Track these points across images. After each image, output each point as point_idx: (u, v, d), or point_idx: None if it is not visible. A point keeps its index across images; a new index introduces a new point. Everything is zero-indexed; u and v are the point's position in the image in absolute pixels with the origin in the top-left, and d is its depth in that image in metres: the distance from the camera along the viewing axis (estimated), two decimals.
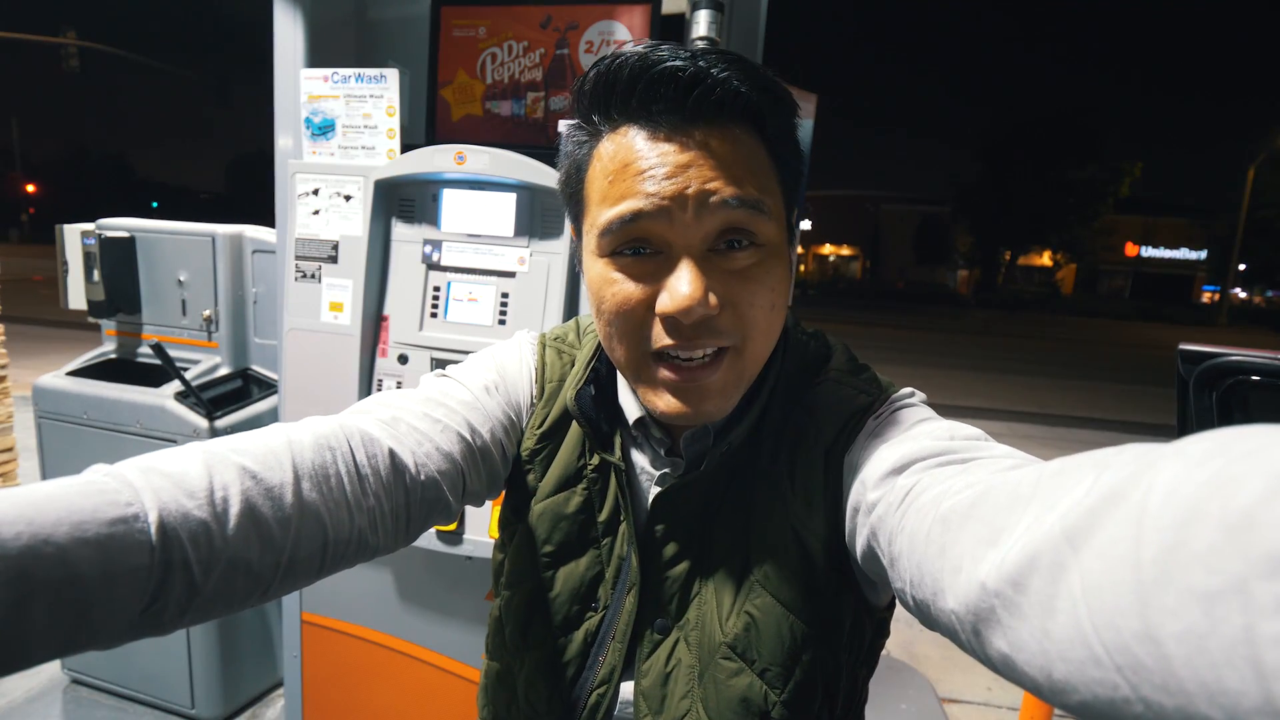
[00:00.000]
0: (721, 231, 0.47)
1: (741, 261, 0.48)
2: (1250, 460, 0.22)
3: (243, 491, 0.41)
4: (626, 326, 0.50)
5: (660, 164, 0.46)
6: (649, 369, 0.51)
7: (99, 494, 0.36)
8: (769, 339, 0.51)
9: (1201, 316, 28.42)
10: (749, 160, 0.47)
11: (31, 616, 0.31)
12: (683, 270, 0.46)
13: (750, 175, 0.47)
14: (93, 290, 1.87)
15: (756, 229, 0.47)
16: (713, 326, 0.48)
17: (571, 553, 0.61)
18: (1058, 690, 0.26)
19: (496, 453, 0.60)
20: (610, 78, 0.47)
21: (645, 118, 0.46)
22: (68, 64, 14.40)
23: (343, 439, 0.49)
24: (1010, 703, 2.22)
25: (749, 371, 0.52)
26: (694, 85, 0.44)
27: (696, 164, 0.45)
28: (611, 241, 0.49)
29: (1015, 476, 0.35)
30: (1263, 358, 1.01)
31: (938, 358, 11.23)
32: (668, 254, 0.48)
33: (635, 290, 0.49)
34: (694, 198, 0.45)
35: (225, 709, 1.87)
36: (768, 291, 0.49)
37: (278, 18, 1.38)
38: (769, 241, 0.49)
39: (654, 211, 0.46)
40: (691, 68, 0.44)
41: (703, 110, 0.45)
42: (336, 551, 0.47)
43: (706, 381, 0.49)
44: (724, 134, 0.46)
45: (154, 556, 0.36)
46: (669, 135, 0.46)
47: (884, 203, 40.71)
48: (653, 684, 0.57)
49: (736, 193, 0.46)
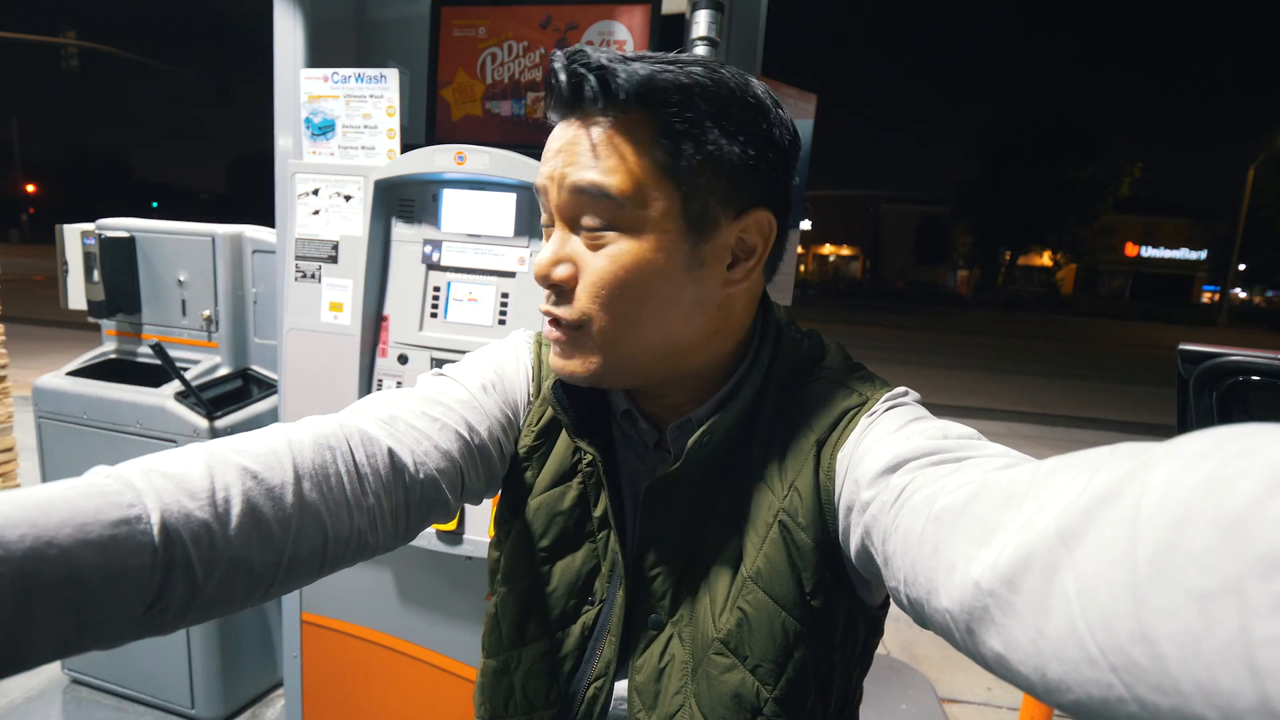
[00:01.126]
0: (579, 212, 0.51)
1: (595, 241, 0.51)
2: (1245, 460, 0.22)
3: (244, 492, 0.41)
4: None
5: (548, 148, 0.53)
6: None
7: (101, 496, 0.36)
8: (636, 324, 0.52)
9: (1201, 316, 28.43)
10: (614, 147, 0.49)
11: (35, 617, 0.31)
12: (551, 240, 0.53)
13: (603, 163, 0.49)
14: (93, 290, 1.87)
15: (605, 214, 0.50)
16: (565, 297, 0.53)
17: (567, 547, 0.62)
18: (1052, 690, 0.26)
19: (494, 451, 0.60)
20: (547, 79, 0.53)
21: (554, 110, 0.53)
22: (68, 64, 14.41)
23: (342, 438, 0.49)
24: (1010, 703, 2.22)
25: (619, 347, 0.53)
26: (568, 81, 0.49)
27: (565, 150, 0.51)
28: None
29: (1009, 476, 0.35)
30: (1263, 358, 1.01)
31: (938, 358, 11.23)
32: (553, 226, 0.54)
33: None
34: (556, 179, 0.51)
35: (225, 709, 1.87)
36: (619, 272, 0.50)
37: (278, 18, 1.38)
38: (627, 228, 0.50)
39: (540, 189, 0.53)
40: (572, 66, 0.49)
41: (569, 104, 0.50)
42: (336, 550, 0.47)
43: (572, 342, 0.54)
44: (592, 126, 0.50)
45: (156, 557, 0.36)
46: (560, 123, 0.52)
47: (884, 203, 40.71)
48: (646, 679, 0.57)
49: (578, 178, 0.50)
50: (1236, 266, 27.04)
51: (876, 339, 13.60)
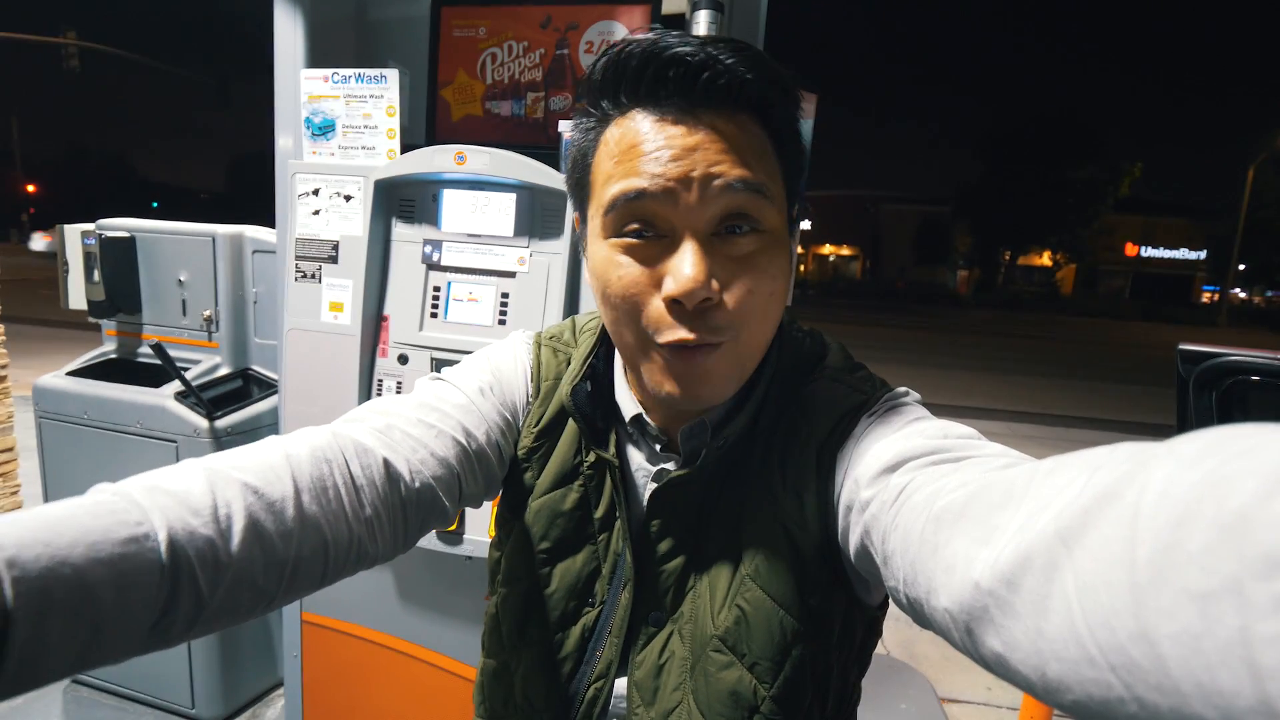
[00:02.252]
0: (725, 215, 0.47)
1: (744, 247, 0.48)
2: (1244, 460, 0.22)
3: (246, 507, 0.42)
4: (631, 310, 0.50)
5: (667, 146, 0.46)
6: (651, 354, 0.51)
7: (110, 514, 0.36)
8: (767, 327, 0.52)
9: (1201, 316, 28.40)
10: (754, 147, 0.47)
11: (50, 635, 0.32)
12: (686, 252, 0.47)
13: (755, 160, 0.47)
14: (93, 290, 1.87)
15: (760, 214, 0.48)
16: (713, 320, 0.48)
17: (568, 549, 0.62)
18: (1051, 689, 0.26)
19: (493, 454, 0.60)
20: (620, 63, 0.47)
21: (653, 102, 0.47)
22: (68, 64, 14.40)
23: (337, 450, 0.49)
24: (1010, 703, 2.22)
25: (747, 359, 0.52)
26: (701, 70, 0.45)
27: (703, 147, 0.46)
28: (615, 219, 0.49)
29: (1008, 475, 0.35)
30: (1263, 358, 1.01)
31: (938, 358, 11.23)
32: (671, 237, 0.48)
33: (640, 273, 0.49)
34: (699, 180, 0.46)
35: (225, 709, 1.87)
36: (769, 279, 0.49)
37: (278, 18, 1.38)
38: (772, 228, 0.49)
39: (658, 192, 0.46)
40: (700, 54, 0.45)
41: (710, 96, 0.46)
42: (337, 561, 0.47)
43: (705, 365, 0.49)
44: (730, 120, 0.46)
45: (164, 574, 0.37)
46: (676, 119, 0.46)
47: (884, 203, 40.69)
48: (646, 675, 0.57)
49: (742, 175, 0.46)
50: (1236, 266, 27.04)
51: (876, 339, 13.59)
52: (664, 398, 0.52)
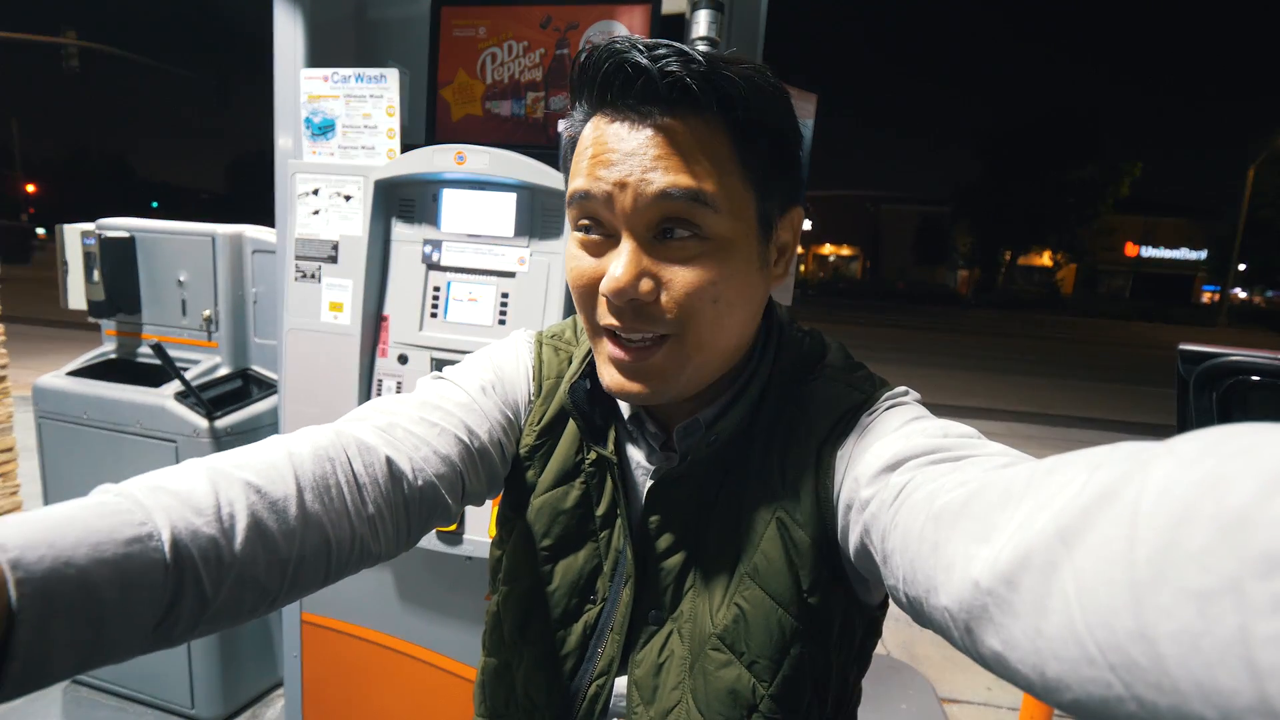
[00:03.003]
0: (662, 219, 0.48)
1: (682, 251, 0.49)
2: (1243, 459, 0.22)
3: (248, 506, 0.42)
4: (581, 299, 0.53)
5: (610, 149, 0.48)
6: (600, 343, 0.54)
7: (114, 515, 0.36)
8: (716, 331, 0.51)
9: (1201, 316, 28.41)
10: (700, 150, 0.47)
11: (54, 636, 0.32)
12: (621, 252, 0.49)
13: (694, 167, 0.47)
14: (93, 290, 1.87)
15: (700, 220, 0.48)
16: (648, 313, 0.50)
17: (570, 547, 0.62)
18: (1051, 688, 0.26)
19: (495, 453, 0.60)
20: (584, 67, 0.49)
21: (608, 105, 0.49)
22: (68, 64, 14.41)
23: (340, 449, 0.49)
24: (1010, 703, 2.22)
25: (697, 359, 0.52)
26: (639, 75, 0.46)
27: (641, 152, 0.47)
28: (573, 216, 0.52)
29: (1008, 474, 0.35)
30: (1263, 358, 1.01)
31: (938, 358, 11.23)
32: (616, 236, 0.50)
33: (589, 266, 0.52)
34: (632, 186, 0.47)
35: (225, 709, 1.87)
36: (709, 284, 0.49)
37: (278, 18, 1.38)
38: (716, 235, 0.49)
39: (599, 195, 0.48)
40: (642, 59, 0.45)
41: (651, 99, 0.46)
42: (340, 560, 0.47)
43: (647, 363, 0.51)
44: (676, 125, 0.47)
45: (168, 573, 0.37)
46: (622, 122, 0.48)
47: (884, 203, 40.72)
48: (645, 674, 0.57)
49: (673, 183, 0.46)
50: (1236, 266, 27.03)
51: (876, 339, 13.59)
52: (608, 389, 0.54)
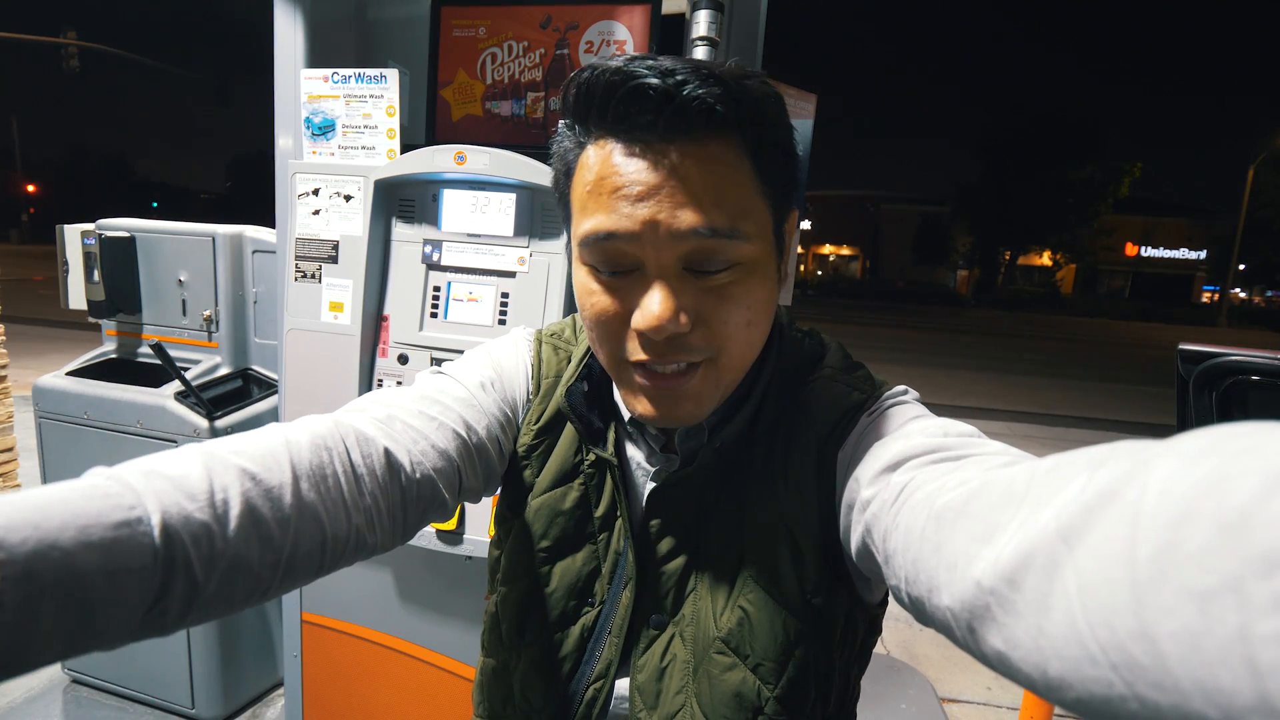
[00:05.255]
0: (694, 254, 0.47)
1: (717, 280, 0.48)
2: (1244, 458, 0.22)
3: (243, 493, 0.41)
4: (604, 335, 0.51)
5: (634, 183, 0.46)
6: (627, 374, 0.52)
7: (103, 497, 0.36)
8: (747, 350, 0.52)
9: (1201, 316, 28.42)
10: (726, 179, 0.46)
11: (39, 620, 0.31)
12: (655, 290, 0.47)
13: (724, 200, 0.46)
14: (93, 290, 1.87)
15: (731, 252, 0.47)
16: (684, 344, 0.49)
17: (568, 548, 0.62)
18: (1053, 687, 0.26)
19: (493, 449, 0.60)
20: (588, 90, 0.47)
21: (622, 132, 0.46)
22: (68, 64, 14.42)
23: (339, 439, 0.49)
24: (1010, 702, 2.22)
25: (726, 379, 0.52)
26: (665, 102, 0.44)
27: (669, 186, 0.45)
28: (590, 254, 0.50)
29: (1009, 473, 0.35)
30: (1263, 358, 1.01)
31: (938, 358, 11.23)
32: (642, 272, 0.48)
33: (611, 304, 0.50)
34: (664, 224, 0.45)
35: (225, 709, 1.87)
36: (743, 309, 0.49)
37: (278, 18, 1.38)
38: (746, 259, 0.48)
39: (625, 235, 0.47)
40: (663, 84, 0.44)
41: (676, 127, 0.45)
42: (335, 550, 0.47)
43: (681, 389, 0.50)
44: (699, 151, 0.45)
45: (157, 559, 0.36)
46: (643, 152, 0.46)
47: (884, 203, 40.70)
48: (648, 679, 0.57)
49: (706, 222, 0.45)
50: (1236, 266, 27.04)
51: (876, 339, 13.59)
52: (640, 418, 0.53)
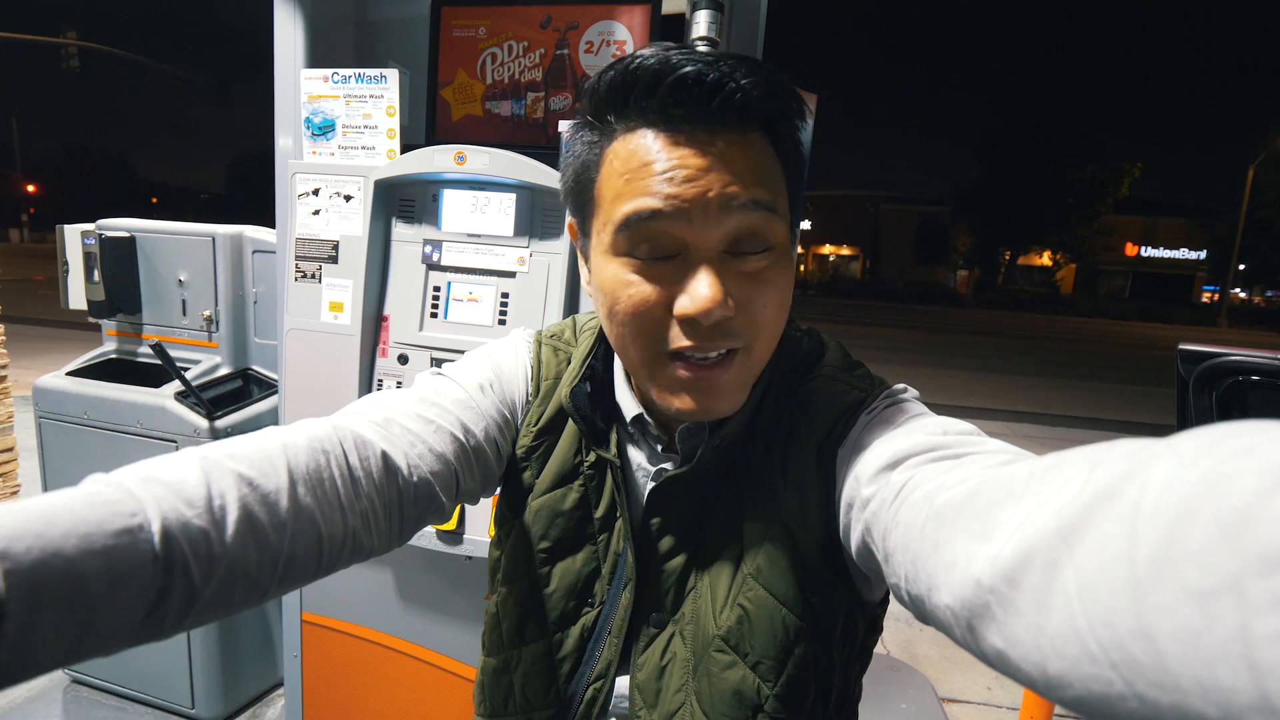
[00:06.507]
0: (737, 234, 0.48)
1: (755, 264, 0.49)
2: (1244, 457, 0.22)
3: (240, 498, 0.42)
4: (642, 327, 0.50)
5: (680, 166, 0.46)
6: (665, 368, 0.51)
7: (104, 505, 0.36)
8: (774, 337, 0.53)
9: (1201, 316, 28.40)
10: (764, 165, 0.48)
11: (42, 628, 0.32)
12: (702, 273, 0.47)
13: (765, 179, 0.48)
14: (93, 290, 1.87)
15: (770, 231, 0.48)
16: (727, 328, 0.49)
17: (568, 549, 0.62)
18: (1053, 686, 0.26)
19: (491, 451, 0.60)
20: (629, 79, 0.47)
21: (664, 120, 0.47)
22: (68, 64, 14.41)
23: (336, 442, 0.49)
24: (1010, 702, 2.22)
25: (755, 369, 0.53)
26: (716, 90, 0.45)
27: (716, 168, 0.46)
28: (628, 239, 0.49)
29: (1008, 472, 0.35)
30: (1263, 358, 1.01)
31: (938, 358, 11.23)
32: (684, 256, 0.48)
33: (652, 291, 0.49)
34: (715, 200, 0.46)
35: (225, 709, 1.87)
36: (778, 293, 0.50)
37: (278, 18, 1.38)
38: (779, 244, 0.49)
39: (672, 213, 0.46)
40: (713, 73, 0.45)
41: (721, 116, 0.46)
42: (331, 553, 0.47)
43: (720, 380, 0.50)
44: (740, 138, 0.47)
45: (157, 565, 0.37)
46: (688, 139, 0.46)
47: (884, 203, 40.70)
48: (648, 677, 0.57)
49: (754, 196, 0.46)
50: (1236, 266, 27.04)
51: (876, 339, 13.59)
52: (676, 413, 0.52)
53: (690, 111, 0.46)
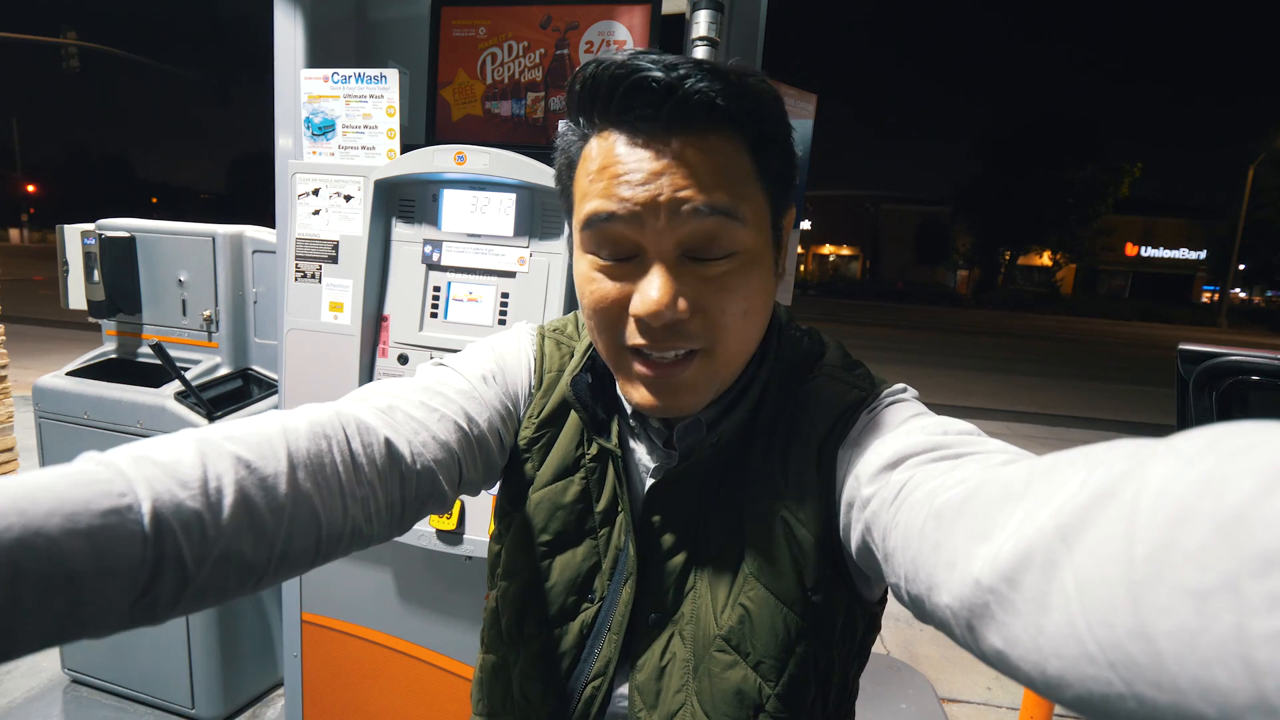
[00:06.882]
0: (693, 238, 0.48)
1: (716, 269, 0.49)
2: (1241, 458, 0.22)
3: (236, 481, 0.40)
4: (604, 322, 0.52)
5: (635, 170, 0.47)
6: (625, 361, 0.53)
7: (92, 484, 0.35)
8: (744, 341, 0.52)
9: (1201, 316, 28.40)
10: (725, 168, 0.47)
11: (22, 608, 0.31)
12: (654, 275, 0.48)
13: (725, 183, 0.47)
14: (93, 290, 1.87)
15: (730, 236, 0.48)
16: (681, 330, 0.49)
17: (568, 542, 0.62)
18: (1052, 685, 0.26)
19: (493, 442, 0.60)
20: (593, 83, 0.48)
21: (625, 124, 0.48)
22: (68, 64, 14.41)
23: (338, 427, 0.49)
24: (1010, 702, 2.22)
25: (723, 370, 0.53)
26: (668, 95, 0.45)
27: (669, 171, 0.46)
28: (591, 238, 0.50)
29: (1008, 472, 0.35)
30: (1263, 358, 1.01)
31: (938, 358, 11.23)
32: (641, 257, 0.49)
33: (611, 289, 0.51)
34: (665, 205, 0.46)
35: (225, 709, 1.87)
36: (740, 299, 0.50)
37: (278, 18, 1.38)
38: (745, 249, 0.49)
39: (626, 215, 0.47)
40: (667, 78, 0.45)
41: (678, 119, 0.46)
42: (330, 541, 0.46)
43: (678, 378, 0.51)
44: (700, 142, 0.47)
45: (147, 548, 0.35)
46: (646, 142, 0.47)
47: (884, 203, 40.72)
48: (648, 678, 0.57)
49: (707, 200, 0.46)
50: (1236, 266, 27.04)
51: (876, 339, 13.59)
52: (638, 407, 0.54)
53: (645, 115, 0.46)
